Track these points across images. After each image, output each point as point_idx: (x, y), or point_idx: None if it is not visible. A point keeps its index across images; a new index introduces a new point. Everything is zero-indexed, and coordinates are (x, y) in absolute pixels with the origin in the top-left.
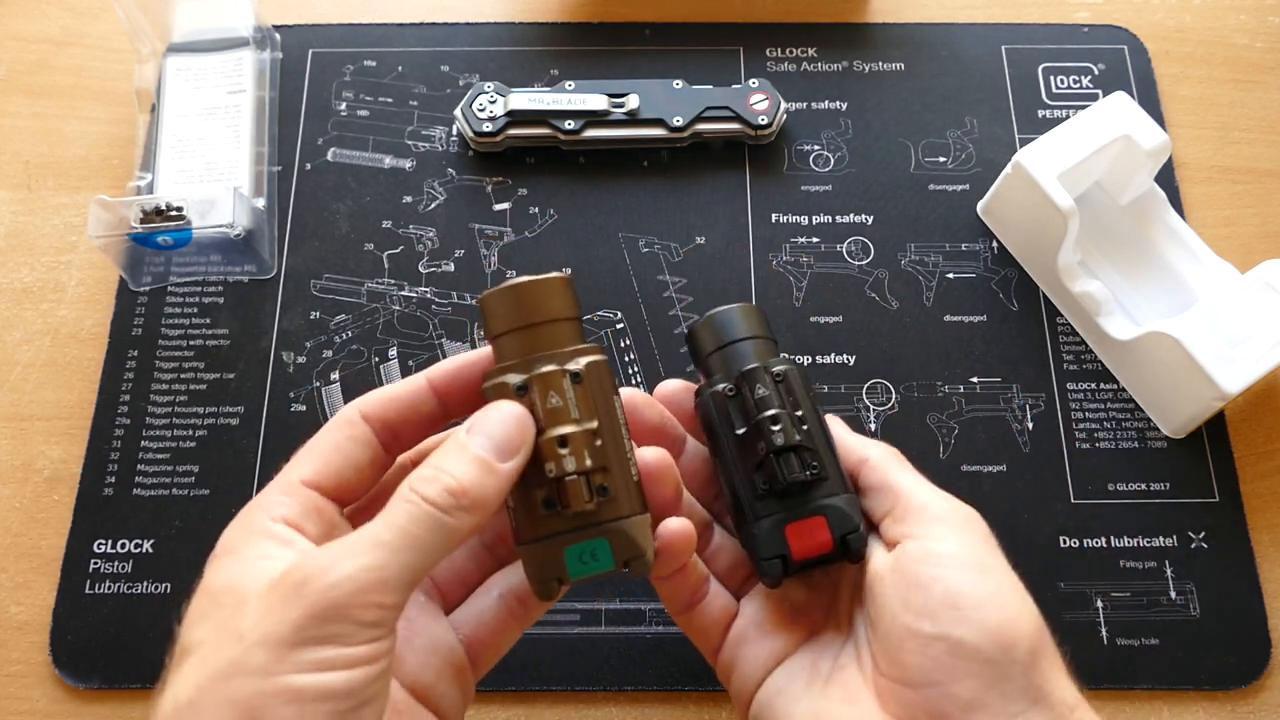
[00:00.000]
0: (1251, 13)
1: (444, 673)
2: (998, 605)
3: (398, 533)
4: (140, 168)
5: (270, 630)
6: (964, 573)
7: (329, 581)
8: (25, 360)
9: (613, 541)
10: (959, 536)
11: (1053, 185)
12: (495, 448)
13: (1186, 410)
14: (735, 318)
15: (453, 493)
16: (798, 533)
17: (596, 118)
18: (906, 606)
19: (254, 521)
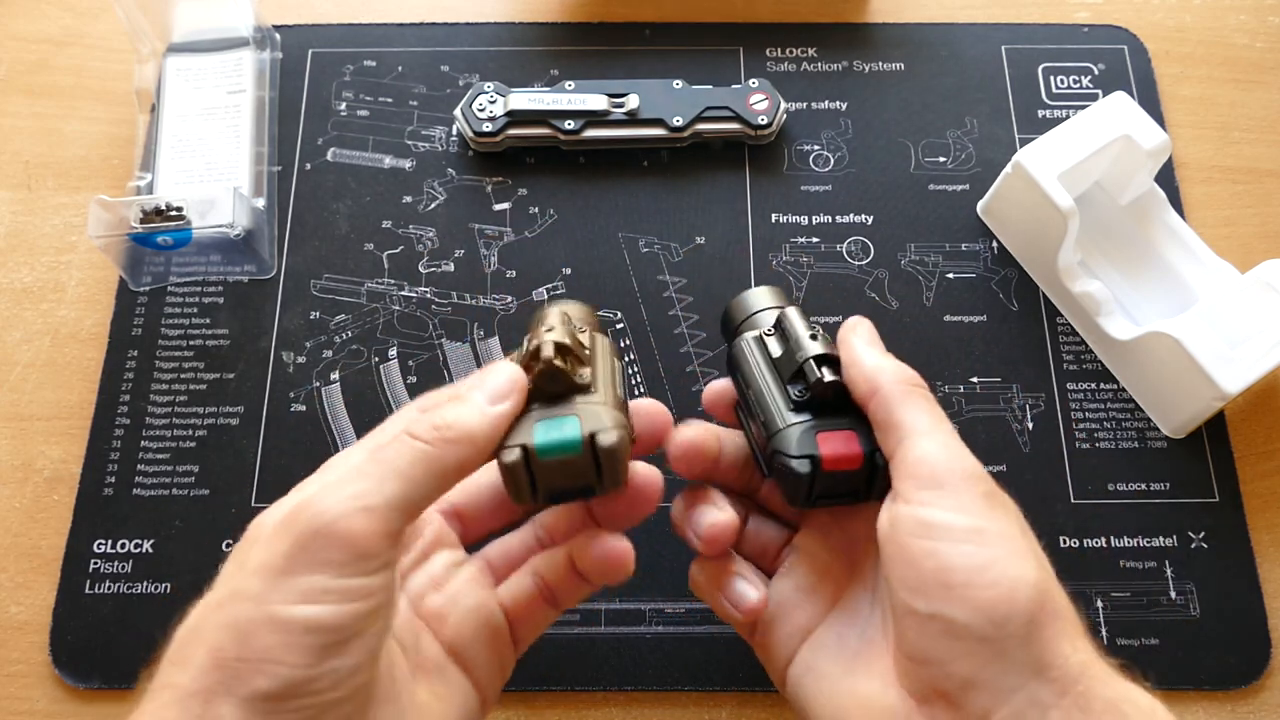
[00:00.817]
0: (1251, 13)
1: (481, 635)
2: (991, 580)
3: (381, 464)
4: (140, 168)
5: (265, 559)
6: (955, 545)
7: (315, 511)
8: (25, 360)
9: (581, 417)
10: (955, 499)
11: (1053, 185)
12: (487, 393)
13: (1186, 410)
14: (767, 292)
15: (437, 426)
16: (829, 440)
17: (596, 118)
18: (902, 582)
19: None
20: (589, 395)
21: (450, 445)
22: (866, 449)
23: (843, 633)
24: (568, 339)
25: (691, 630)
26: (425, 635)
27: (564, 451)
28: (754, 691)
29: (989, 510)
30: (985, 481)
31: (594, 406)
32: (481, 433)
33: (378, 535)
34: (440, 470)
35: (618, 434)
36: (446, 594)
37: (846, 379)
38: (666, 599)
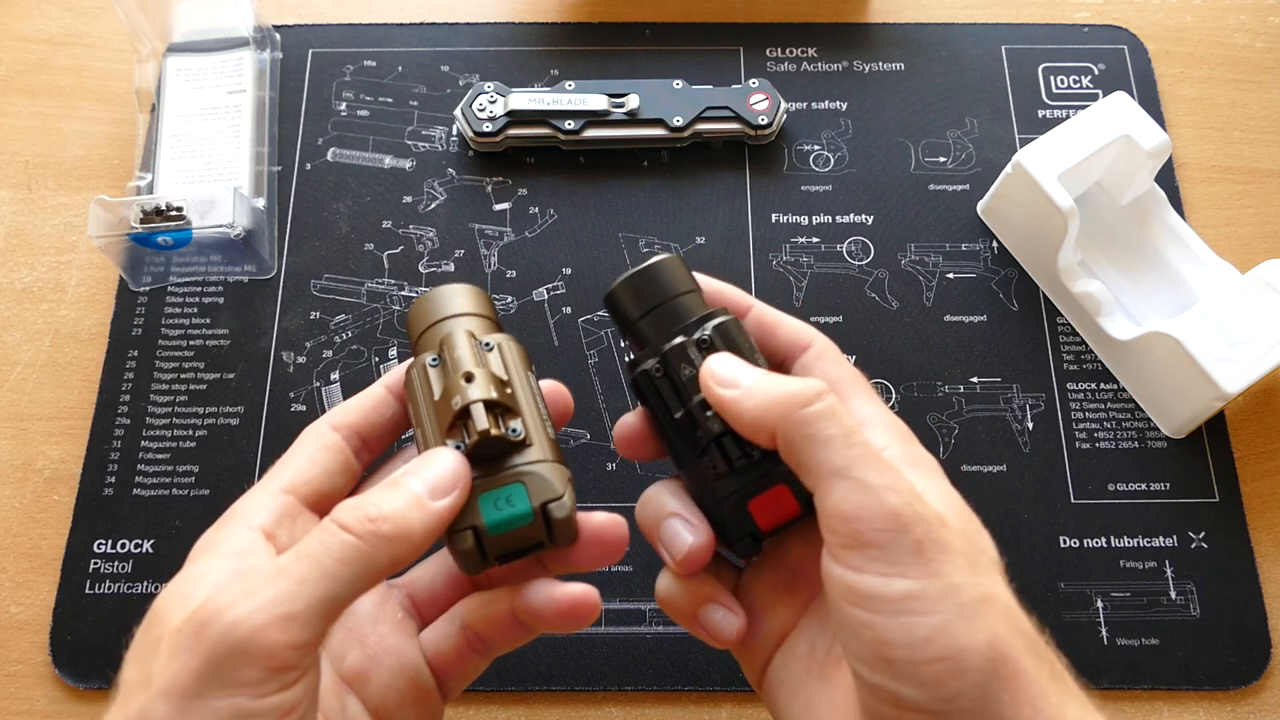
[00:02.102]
0: (1252, 13)
1: (409, 697)
2: (935, 654)
3: (308, 563)
4: (140, 168)
5: (173, 678)
6: (890, 618)
7: (228, 622)
8: (25, 360)
9: (528, 485)
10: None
11: (1053, 185)
12: (427, 485)
13: (1186, 410)
14: (653, 278)
15: (372, 519)
16: (761, 506)
17: (596, 118)
18: (845, 646)
19: (225, 530)
20: (525, 450)
21: (384, 542)
22: (803, 498)
23: (815, 642)
24: (494, 390)
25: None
26: (350, 699)
27: (516, 525)
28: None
29: (925, 565)
30: (917, 525)
31: (536, 467)
32: (420, 531)
33: (299, 648)
34: (371, 569)
35: (569, 502)
36: (369, 652)
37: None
38: None
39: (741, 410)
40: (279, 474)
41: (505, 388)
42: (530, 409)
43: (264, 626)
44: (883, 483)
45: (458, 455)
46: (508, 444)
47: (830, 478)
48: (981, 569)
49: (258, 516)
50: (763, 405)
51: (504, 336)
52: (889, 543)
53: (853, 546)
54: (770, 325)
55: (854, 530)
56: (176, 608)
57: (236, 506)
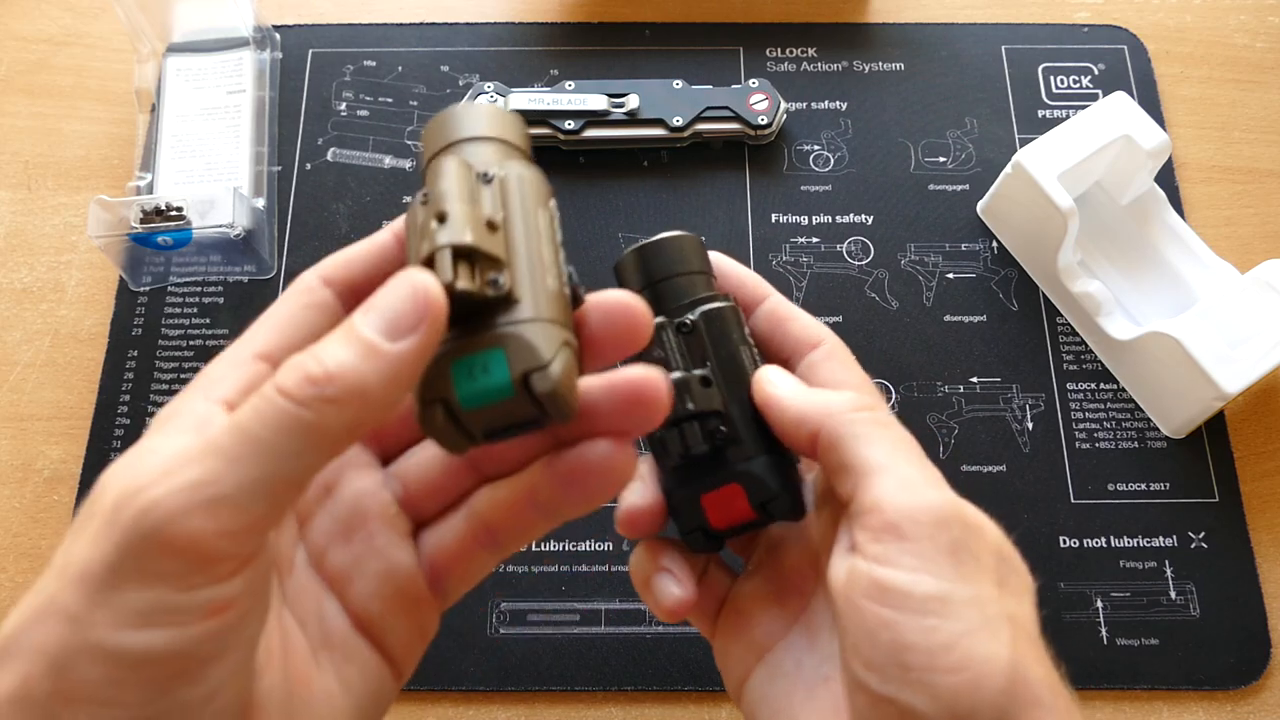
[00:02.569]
0: (1252, 13)
1: (395, 604)
2: (955, 663)
3: (239, 435)
4: (140, 168)
5: (86, 564)
6: (915, 618)
7: (143, 504)
8: (25, 360)
9: (508, 350)
10: (916, 554)
11: (1053, 185)
12: (384, 323)
13: (1186, 410)
14: (654, 254)
15: (313, 379)
16: (714, 503)
17: (596, 118)
18: (855, 652)
19: (185, 400)
20: (512, 308)
21: (332, 407)
22: (755, 504)
23: (802, 660)
24: (470, 235)
25: (691, 630)
26: (329, 603)
27: (493, 399)
28: None
29: (957, 568)
30: (956, 524)
31: (520, 328)
32: (377, 385)
33: (230, 536)
34: (321, 439)
35: (557, 370)
36: (353, 552)
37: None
38: None
39: (785, 406)
40: (254, 335)
41: (493, 230)
42: (528, 257)
43: (185, 511)
44: (927, 479)
45: (421, 278)
46: (486, 301)
47: (874, 472)
48: (1010, 589)
49: (222, 386)
50: (809, 405)
51: (520, 166)
52: (924, 538)
53: (885, 539)
54: (783, 320)
55: (892, 521)
56: (114, 484)
57: (203, 372)
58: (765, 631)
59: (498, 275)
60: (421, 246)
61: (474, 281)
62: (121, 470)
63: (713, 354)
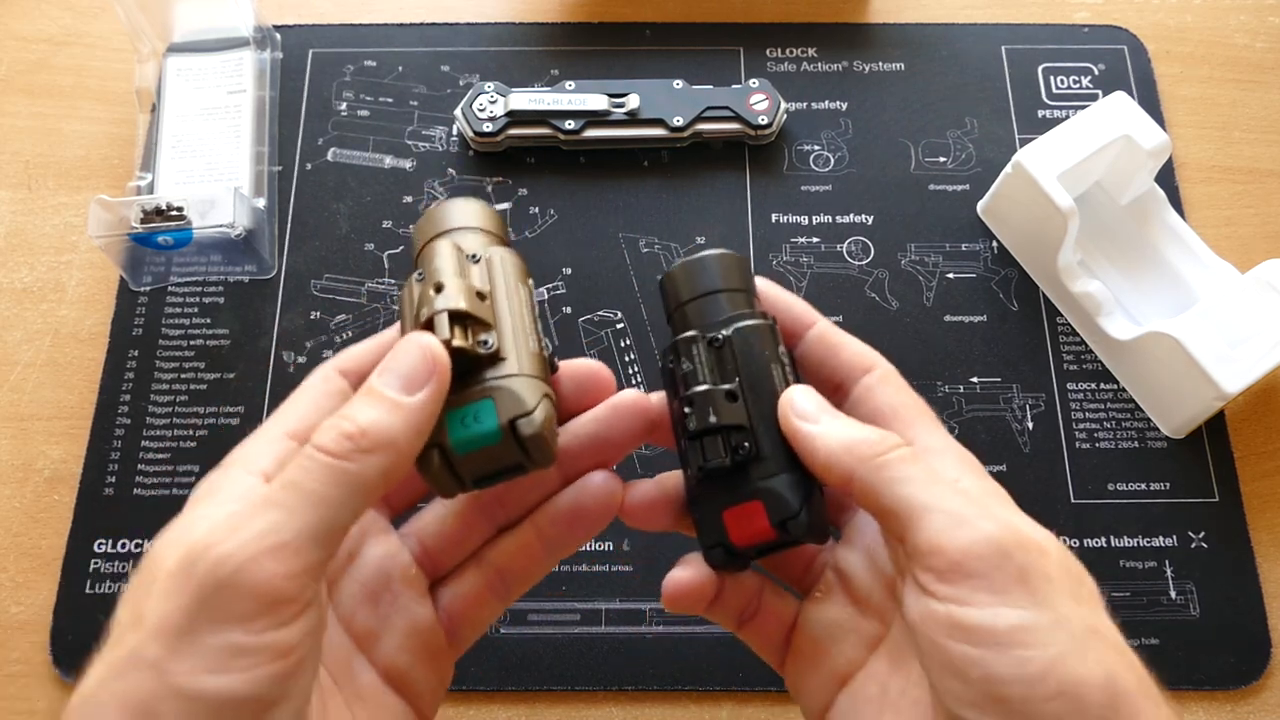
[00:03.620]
0: (1252, 13)
1: (421, 656)
2: (1053, 690)
3: (292, 490)
4: (140, 168)
5: (164, 616)
6: (1002, 652)
7: (217, 556)
8: (25, 360)
9: (496, 400)
10: (988, 590)
11: (1053, 185)
12: (401, 381)
13: (1186, 410)
14: (697, 270)
15: (349, 436)
16: (735, 519)
17: (596, 118)
18: (947, 691)
19: (225, 474)
20: (498, 365)
21: (368, 457)
22: (775, 521)
23: (887, 685)
24: (464, 301)
25: (691, 630)
26: (359, 660)
27: (483, 443)
28: (753, 691)
29: (1031, 594)
30: (1017, 550)
31: (507, 382)
32: (403, 435)
33: (294, 577)
34: (362, 487)
35: (540, 417)
36: (380, 612)
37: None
38: None
39: (815, 447)
40: (282, 418)
41: (481, 299)
42: (512, 322)
43: (255, 557)
44: (975, 512)
45: (426, 339)
46: (478, 358)
47: (920, 514)
48: (1084, 600)
49: (259, 461)
50: (839, 448)
51: (501, 249)
52: (992, 571)
53: (953, 580)
54: (833, 345)
55: (953, 561)
56: (171, 550)
57: (237, 452)
58: (846, 660)
59: (487, 336)
60: (420, 313)
61: (467, 340)
62: (178, 535)
63: (743, 370)
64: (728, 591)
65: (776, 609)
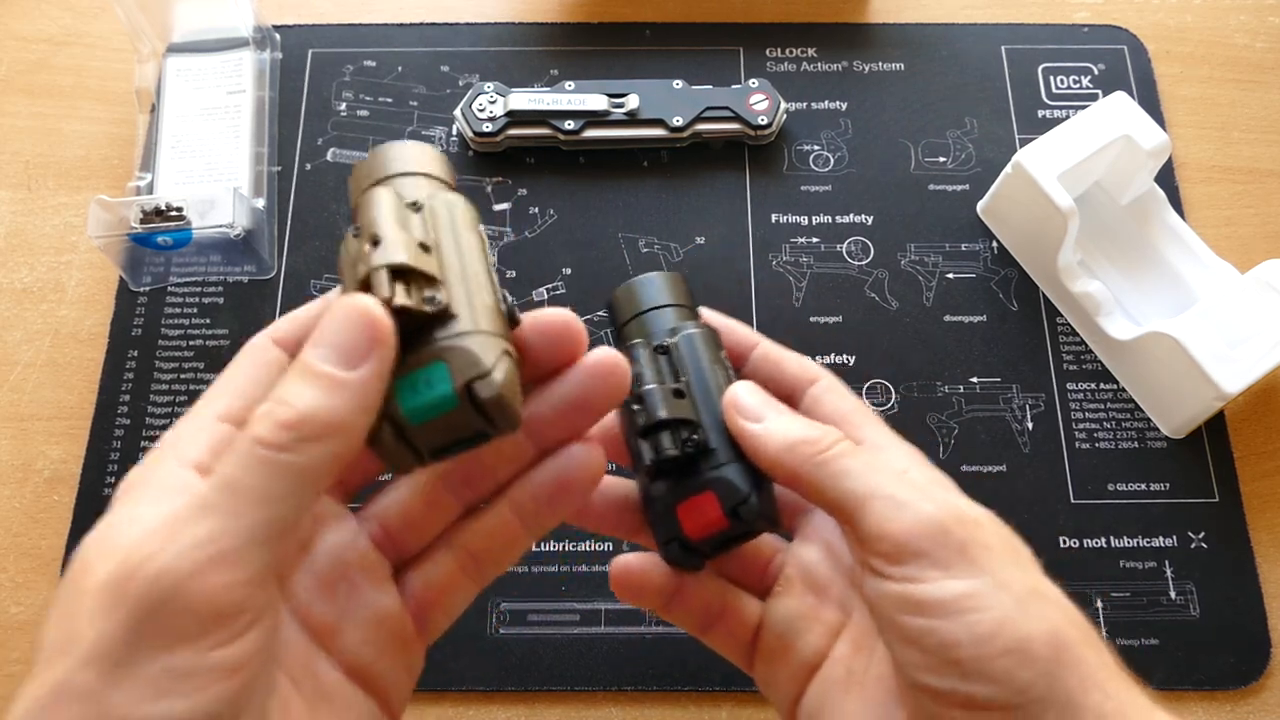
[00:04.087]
0: (1252, 13)
1: (387, 649)
2: (1002, 647)
3: (231, 491)
4: (140, 168)
5: (97, 641)
6: (952, 619)
7: (154, 571)
8: (25, 360)
9: (449, 362)
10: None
11: (1053, 185)
12: (338, 355)
13: (1186, 410)
14: (639, 289)
15: (287, 424)
16: (688, 511)
17: (596, 118)
18: (907, 661)
19: (154, 467)
20: (450, 323)
21: (312, 445)
22: (728, 508)
23: (852, 666)
24: (405, 254)
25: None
26: (319, 658)
27: (438, 411)
28: (753, 691)
29: (974, 564)
30: (956, 526)
31: (460, 340)
32: (348, 416)
33: (241, 587)
34: (307, 479)
35: (499, 377)
36: (338, 605)
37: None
38: None
39: (760, 446)
40: (214, 399)
41: (426, 251)
42: (462, 275)
43: (196, 570)
44: (914, 496)
45: (363, 302)
46: (426, 317)
47: (863, 503)
48: (1023, 565)
49: (189, 450)
50: (783, 447)
51: (448, 195)
52: (935, 548)
53: (900, 560)
54: (776, 360)
55: (898, 543)
56: (100, 559)
57: (167, 438)
58: (813, 649)
59: (434, 292)
60: (358, 270)
61: (411, 298)
62: (107, 541)
63: (689, 371)
64: (688, 592)
65: (740, 611)
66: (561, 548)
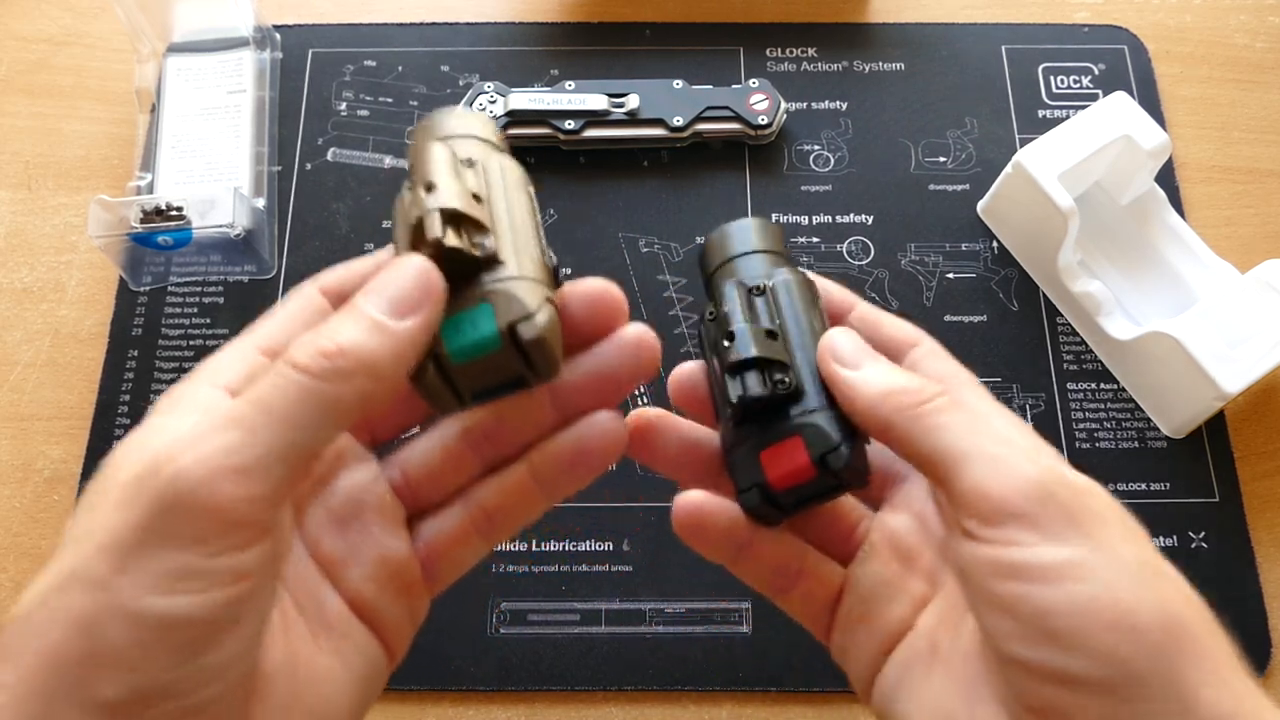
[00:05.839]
0: (1252, 13)
1: (388, 588)
2: (1107, 621)
3: (259, 407)
4: (140, 168)
5: (113, 532)
6: (1051, 586)
7: (173, 471)
8: (25, 360)
9: (495, 304)
10: (1033, 529)
11: (1053, 185)
12: (389, 303)
13: (1186, 410)
14: (735, 232)
15: (327, 354)
16: (773, 457)
17: (596, 118)
18: (996, 631)
19: (190, 386)
20: (497, 268)
21: (345, 379)
22: (815, 456)
23: (937, 641)
24: (458, 201)
25: (691, 630)
26: (325, 589)
27: (482, 351)
28: (753, 691)
29: (1080, 531)
30: (1061, 490)
31: (506, 284)
32: (386, 361)
33: (254, 502)
34: (335, 410)
35: (543, 319)
36: (349, 540)
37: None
38: (666, 599)
39: (854, 394)
40: (256, 333)
41: (477, 201)
42: (510, 226)
43: (213, 476)
44: (1017, 456)
45: (421, 261)
46: (473, 260)
47: (960, 460)
48: (1138, 540)
49: (226, 374)
50: (878, 395)
51: (501, 157)
52: (1037, 511)
53: (998, 522)
54: (874, 323)
55: (998, 506)
56: (126, 460)
57: (206, 363)
58: (897, 618)
59: (483, 239)
60: (411, 214)
61: (462, 241)
62: (136, 445)
63: (784, 314)
64: (763, 547)
65: (821, 574)
66: (562, 548)
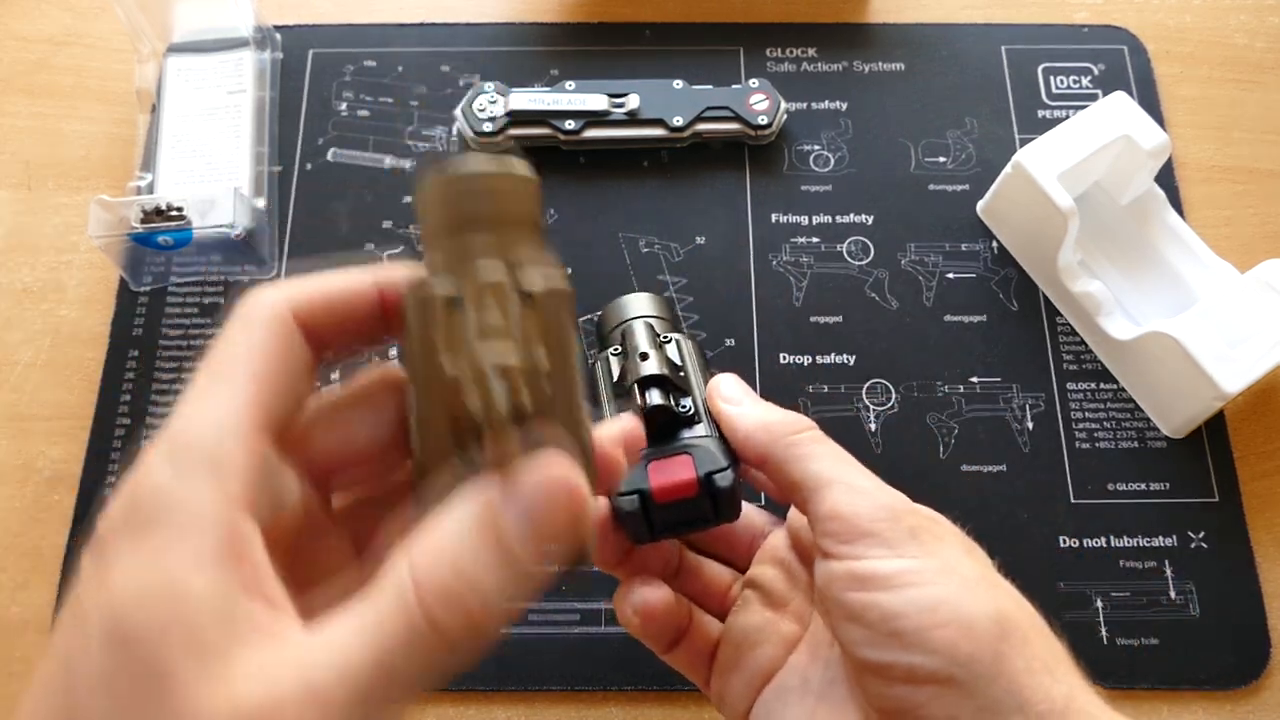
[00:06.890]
0: (1251, 13)
1: None
2: (943, 619)
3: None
4: (140, 168)
5: None
6: (895, 592)
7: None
8: (25, 360)
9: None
10: (882, 545)
11: (1053, 185)
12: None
13: (1186, 410)
14: (634, 300)
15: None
16: (661, 469)
17: (596, 118)
18: (850, 640)
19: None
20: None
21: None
22: (701, 473)
23: (807, 675)
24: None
25: None
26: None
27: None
28: None
29: (922, 546)
30: (909, 515)
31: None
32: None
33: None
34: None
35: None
36: None
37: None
38: None
39: (736, 425)
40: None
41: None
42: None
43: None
44: (872, 485)
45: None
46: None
47: (825, 485)
48: (975, 557)
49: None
50: (757, 426)
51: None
52: (885, 530)
53: (851, 539)
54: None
55: (852, 524)
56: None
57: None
58: (768, 659)
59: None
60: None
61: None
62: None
63: (685, 362)
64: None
65: (702, 628)
66: None
